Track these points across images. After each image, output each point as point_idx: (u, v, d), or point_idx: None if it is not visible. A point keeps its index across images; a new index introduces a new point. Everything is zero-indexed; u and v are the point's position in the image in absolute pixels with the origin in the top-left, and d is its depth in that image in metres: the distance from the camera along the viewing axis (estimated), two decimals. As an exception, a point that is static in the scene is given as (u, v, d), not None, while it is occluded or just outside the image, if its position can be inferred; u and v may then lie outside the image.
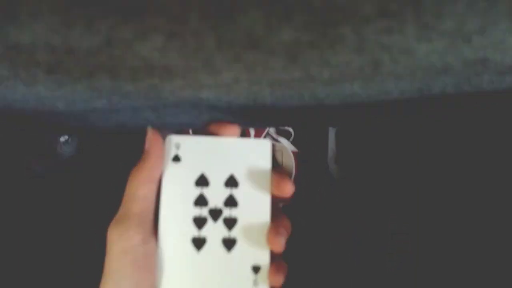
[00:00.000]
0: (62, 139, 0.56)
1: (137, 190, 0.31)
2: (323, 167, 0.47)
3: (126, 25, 0.22)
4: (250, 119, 0.54)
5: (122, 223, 0.30)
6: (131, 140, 0.48)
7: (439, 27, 0.25)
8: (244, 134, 0.61)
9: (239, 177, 0.34)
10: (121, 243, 0.30)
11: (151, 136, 0.32)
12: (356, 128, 0.47)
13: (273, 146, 0.53)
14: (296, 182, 0.37)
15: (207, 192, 0.33)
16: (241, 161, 0.34)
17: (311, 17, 0.23)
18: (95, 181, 0.46)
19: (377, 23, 0.24)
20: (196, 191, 0.33)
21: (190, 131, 0.55)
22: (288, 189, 0.33)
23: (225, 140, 0.34)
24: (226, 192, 0.34)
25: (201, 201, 0.33)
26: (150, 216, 0.32)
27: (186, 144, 0.34)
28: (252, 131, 0.59)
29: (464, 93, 0.38)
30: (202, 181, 0.34)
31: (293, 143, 0.55)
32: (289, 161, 0.52)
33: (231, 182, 0.34)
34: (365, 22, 0.24)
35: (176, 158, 0.34)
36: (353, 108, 0.44)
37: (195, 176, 0.34)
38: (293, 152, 0.55)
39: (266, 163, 0.34)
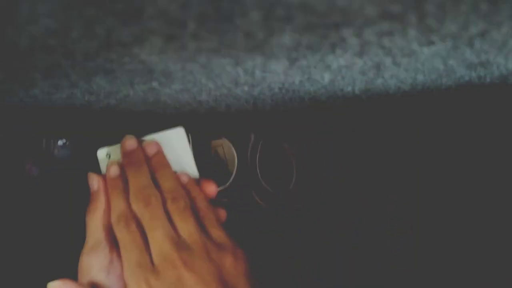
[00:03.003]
0: (59, 142, 0.56)
1: (101, 223, 0.35)
2: (323, 165, 0.46)
3: (125, 28, 0.21)
4: (249, 124, 0.53)
5: (96, 249, 0.34)
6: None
7: (441, 30, 0.25)
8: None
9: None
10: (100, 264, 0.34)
11: (96, 180, 0.37)
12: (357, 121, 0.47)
13: (211, 142, 0.57)
14: (297, 173, 0.38)
15: None
16: (165, 151, 0.38)
17: (311, 19, 0.22)
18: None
19: (379, 25, 0.24)
20: None
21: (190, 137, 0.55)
22: (211, 190, 0.37)
23: (145, 138, 0.39)
24: None
25: None
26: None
27: (115, 152, 0.39)
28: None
29: (464, 93, 0.38)
30: None
31: (292, 144, 0.55)
32: (231, 154, 0.55)
33: None
34: (367, 24, 0.24)
35: None
36: (353, 109, 0.43)
37: None
38: (289, 151, 0.56)
39: (185, 146, 0.39)
